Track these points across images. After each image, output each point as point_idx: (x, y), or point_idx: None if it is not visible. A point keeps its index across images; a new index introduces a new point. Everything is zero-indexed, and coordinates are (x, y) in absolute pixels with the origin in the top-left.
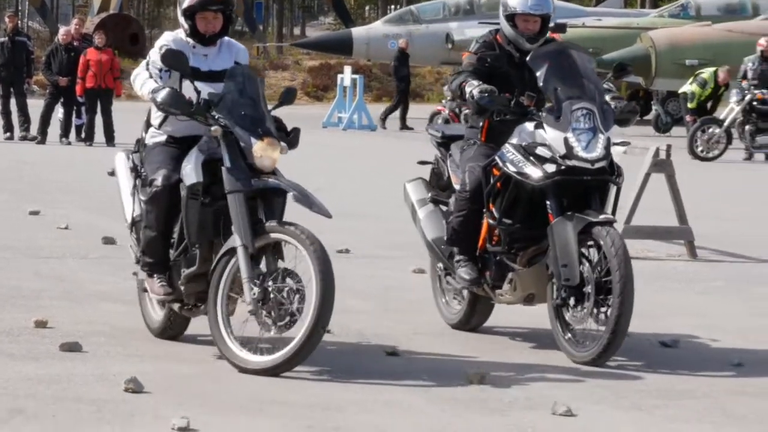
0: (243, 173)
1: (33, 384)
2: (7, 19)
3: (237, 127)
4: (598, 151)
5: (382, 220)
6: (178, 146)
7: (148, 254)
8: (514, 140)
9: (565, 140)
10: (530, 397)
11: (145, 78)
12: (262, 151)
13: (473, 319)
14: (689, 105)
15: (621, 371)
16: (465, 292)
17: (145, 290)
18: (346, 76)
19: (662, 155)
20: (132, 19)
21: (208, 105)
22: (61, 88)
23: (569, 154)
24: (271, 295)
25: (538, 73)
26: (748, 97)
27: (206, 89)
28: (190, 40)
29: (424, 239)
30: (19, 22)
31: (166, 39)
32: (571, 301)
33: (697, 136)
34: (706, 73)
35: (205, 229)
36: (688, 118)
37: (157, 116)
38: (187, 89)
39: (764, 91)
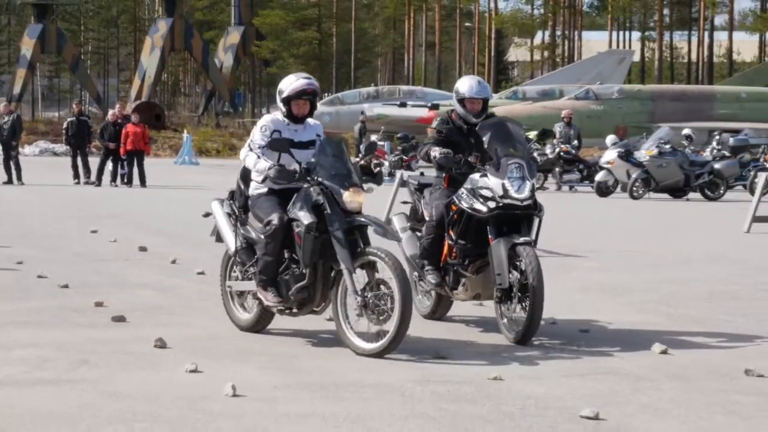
0: (339, 216)
1: (94, 343)
2: (74, 105)
3: (330, 183)
4: (525, 192)
5: None
6: (277, 196)
7: (265, 273)
8: (467, 186)
9: (503, 185)
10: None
11: (254, 159)
12: (350, 198)
13: (438, 312)
14: None
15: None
16: (433, 293)
17: (258, 300)
18: None
19: None
20: (156, 104)
21: (308, 170)
22: (110, 149)
23: (505, 195)
24: (370, 301)
25: (484, 138)
26: (557, 150)
27: (297, 155)
28: (285, 119)
29: (404, 255)
30: (83, 107)
31: (266, 121)
32: (504, 299)
33: None
34: (532, 134)
35: (314, 254)
36: None
37: (258, 175)
38: (284, 158)
39: (568, 146)
